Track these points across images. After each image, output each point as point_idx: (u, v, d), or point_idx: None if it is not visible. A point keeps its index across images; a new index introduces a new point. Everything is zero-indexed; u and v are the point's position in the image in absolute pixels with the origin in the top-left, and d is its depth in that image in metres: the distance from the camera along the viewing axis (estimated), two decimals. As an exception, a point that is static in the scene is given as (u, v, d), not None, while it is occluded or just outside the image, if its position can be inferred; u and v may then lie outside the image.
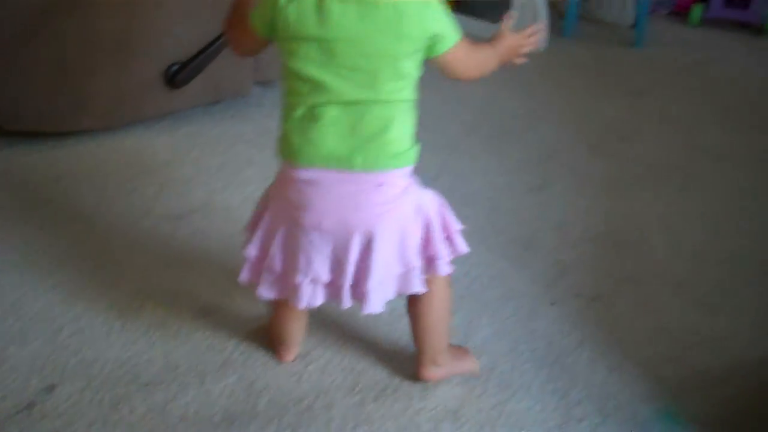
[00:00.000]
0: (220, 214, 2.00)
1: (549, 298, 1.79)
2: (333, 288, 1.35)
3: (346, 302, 1.35)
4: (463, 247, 1.41)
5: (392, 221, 1.30)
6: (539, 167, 2.39)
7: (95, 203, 2.03)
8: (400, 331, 1.62)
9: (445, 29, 1.27)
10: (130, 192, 2.08)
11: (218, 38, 2.31)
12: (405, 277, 1.36)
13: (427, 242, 1.36)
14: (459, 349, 1.57)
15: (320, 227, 1.28)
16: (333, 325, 1.63)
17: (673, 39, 3.81)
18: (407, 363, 1.54)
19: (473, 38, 1.34)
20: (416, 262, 1.35)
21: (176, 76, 2.30)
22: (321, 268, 1.32)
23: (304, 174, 1.28)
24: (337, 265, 1.32)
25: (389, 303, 1.38)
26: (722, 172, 2.44)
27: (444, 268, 1.39)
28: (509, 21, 1.44)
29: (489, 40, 1.42)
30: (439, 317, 1.48)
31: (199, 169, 2.21)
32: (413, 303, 1.45)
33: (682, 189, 2.32)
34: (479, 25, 3.41)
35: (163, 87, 2.30)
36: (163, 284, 1.72)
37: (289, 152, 1.30)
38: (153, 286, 1.72)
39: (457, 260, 1.69)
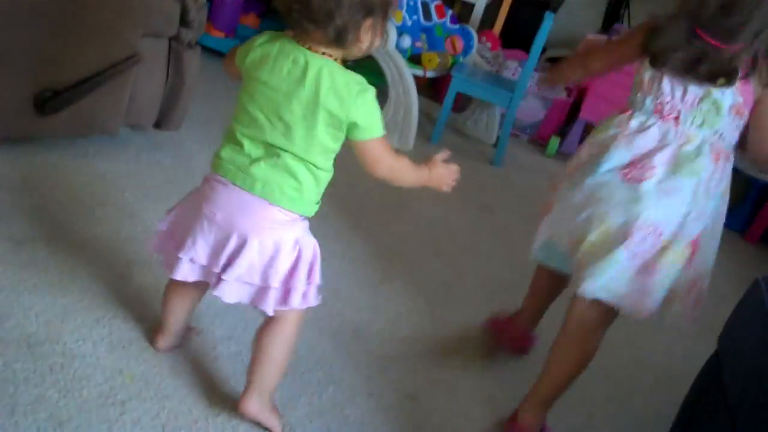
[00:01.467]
0: (63, 249, 1.99)
1: (368, 389, 1.86)
2: (206, 272, 1.57)
3: (213, 284, 1.56)
4: (314, 299, 1.59)
5: (268, 238, 1.52)
6: (382, 261, 2.49)
7: (-64, 212, 1.99)
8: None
9: (366, 121, 1.47)
10: (-25, 208, 2.05)
11: (96, 74, 2.32)
12: (262, 291, 1.55)
13: (291, 275, 1.55)
14: (275, 407, 1.67)
15: (212, 217, 1.53)
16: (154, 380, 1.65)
17: (529, 164, 4.06)
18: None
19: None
20: (276, 284, 1.54)
21: (48, 103, 2.28)
22: (201, 252, 1.54)
23: (220, 179, 1.53)
24: (214, 257, 1.54)
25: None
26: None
27: (295, 301, 1.55)
28: (444, 155, 1.68)
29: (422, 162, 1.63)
30: (280, 352, 1.62)
31: (52, 199, 2.19)
32: (261, 333, 1.62)
33: (511, 307, 2.47)
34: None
35: (32, 111, 2.28)
36: (-8, 308, 1.71)
37: (215, 163, 1.55)
38: (-20, 308, 1.69)
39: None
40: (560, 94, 4.31)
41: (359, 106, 1.45)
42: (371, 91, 1.47)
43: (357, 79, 1.46)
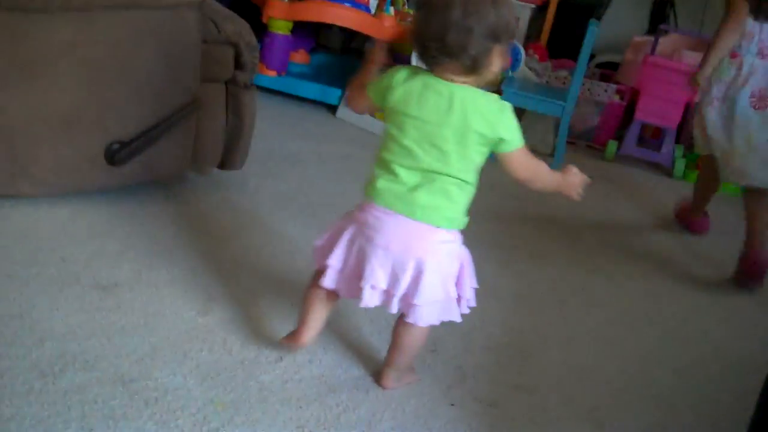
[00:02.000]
0: (146, 291, 2.08)
1: (449, 399, 1.91)
2: (387, 296, 1.74)
3: (394, 309, 1.75)
4: (473, 301, 1.83)
5: (440, 257, 1.71)
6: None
7: (26, 265, 2.09)
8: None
9: (511, 135, 1.68)
10: (61, 258, 2.15)
11: (160, 123, 2.42)
12: (446, 305, 1.77)
13: (459, 282, 1.78)
14: (411, 368, 1.94)
15: (387, 247, 1.68)
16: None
17: (589, 170, 4.04)
18: None
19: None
20: (454, 293, 1.77)
21: (117, 155, 2.39)
22: (381, 278, 1.70)
23: (381, 209, 1.70)
24: (394, 279, 1.70)
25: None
26: (620, 297, 2.63)
27: (465, 307, 1.82)
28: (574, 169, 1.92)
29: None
30: (417, 343, 1.86)
31: (130, 244, 2.29)
32: (402, 327, 1.82)
33: (582, 309, 2.50)
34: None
35: (103, 163, 2.39)
36: (86, 351, 1.79)
37: (372, 193, 1.72)
38: (75, 352, 1.78)
39: (365, 359, 1.85)
40: (613, 97, 4.33)
41: (504, 124, 1.66)
42: (509, 107, 1.68)
43: (495, 98, 1.67)
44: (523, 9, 4.46)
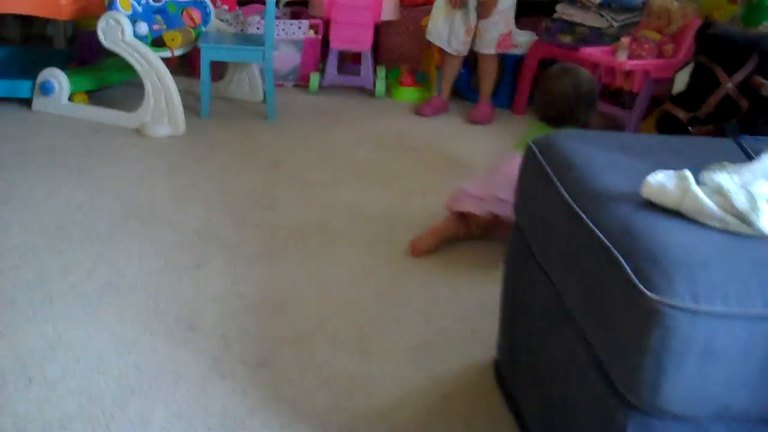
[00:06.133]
0: None
1: (217, 372, 1.87)
2: None
3: None
4: None
5: None
6: (193, 246, 2.48)
7: None
8: None
9: None
10: None
11: None
12: None
13: None
14: None
15: None
16: None
17: (300, 107, 4.11)
18: None
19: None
20: None
21: None
22: None
23: None
24: None
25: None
26: (358, 225, 2.70)
27: None
28: None
29: None
30: None
31: None
32: None
33: (326, 246, 2.54)
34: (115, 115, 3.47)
35: None
36: None
37: None
38: None
39: (126, 351, 1.78)
40: (309, 33, 4.37)
41: None
42: None
43: None
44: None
